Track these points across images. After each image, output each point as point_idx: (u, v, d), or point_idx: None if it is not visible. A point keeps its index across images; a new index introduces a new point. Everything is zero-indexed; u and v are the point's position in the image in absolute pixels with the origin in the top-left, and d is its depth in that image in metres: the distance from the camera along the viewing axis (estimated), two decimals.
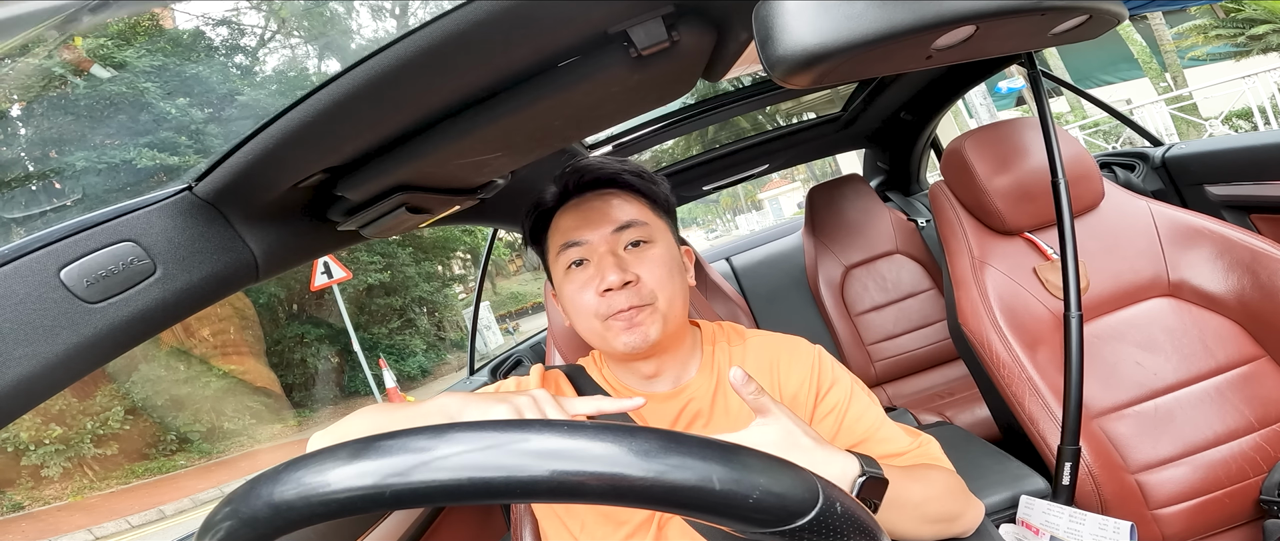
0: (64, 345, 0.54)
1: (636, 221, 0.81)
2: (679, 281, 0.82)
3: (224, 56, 11.67)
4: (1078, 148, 1.20)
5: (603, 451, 0.28)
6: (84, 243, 0.56)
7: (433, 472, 0.28)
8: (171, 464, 9.62)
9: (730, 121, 2.54)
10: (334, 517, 0.28)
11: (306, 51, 12.64)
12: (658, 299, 0.79)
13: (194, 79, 10.44)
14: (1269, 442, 1.02)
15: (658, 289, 0.79)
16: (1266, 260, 1.06)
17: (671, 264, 0.81)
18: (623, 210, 0.82)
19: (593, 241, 0.80)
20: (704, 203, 37.23)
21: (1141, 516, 1.02)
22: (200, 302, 0.66)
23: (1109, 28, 0.61)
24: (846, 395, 0.81)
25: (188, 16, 11.12)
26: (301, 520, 0.28)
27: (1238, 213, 1.39)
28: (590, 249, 0.80)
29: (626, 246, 0.81)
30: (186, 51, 10.84)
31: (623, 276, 0.77)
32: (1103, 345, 1.14)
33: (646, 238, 0.81)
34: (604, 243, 0.80)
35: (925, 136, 2.29)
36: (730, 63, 0.69)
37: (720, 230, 37.85)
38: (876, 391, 2.11)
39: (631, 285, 0.78)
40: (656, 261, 0.80)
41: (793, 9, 0.47)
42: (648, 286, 0.78)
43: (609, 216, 0.81)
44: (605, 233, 0.80)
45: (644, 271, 0.79)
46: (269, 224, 0.71)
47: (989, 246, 1.24)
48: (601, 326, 0.79)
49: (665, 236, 0.84)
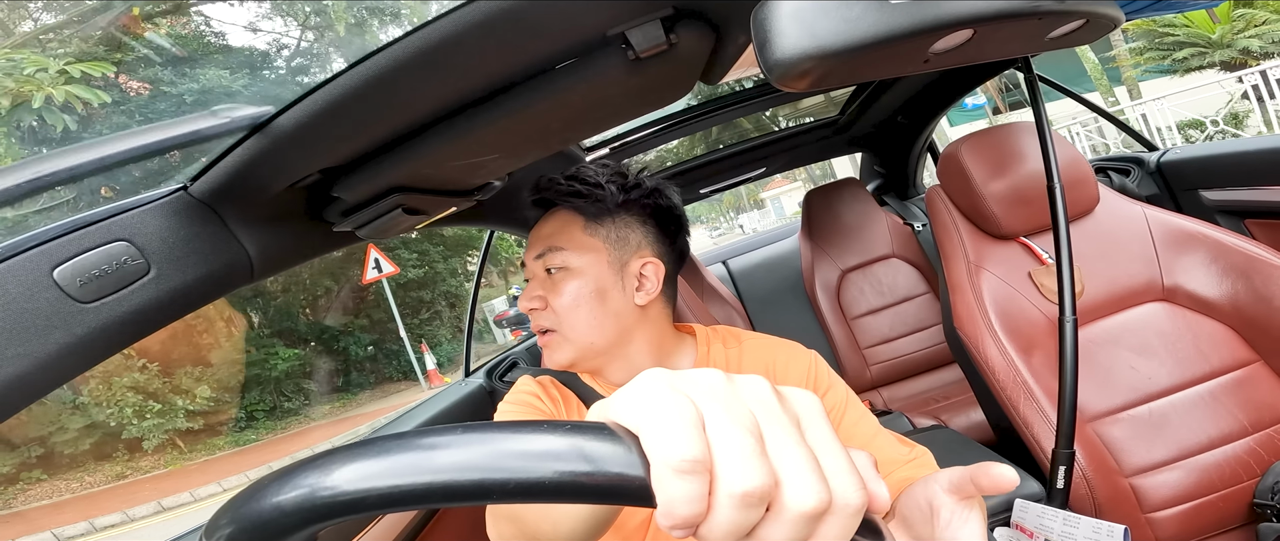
0: (56, 345, 0.54)
1: (555, 247, 0.82)
2: (587, 309, 0.81)
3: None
4: (1073, 152, 1.20)
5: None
6: (77, 242, 0.55)
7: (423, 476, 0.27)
8: (244, 438, 10.96)
9: (732, 124, 2.54)
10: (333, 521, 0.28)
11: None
12: (561, 326, 0.81)
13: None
14: (1262, 447, 1.02)
15: (562, 316, 0.81)
16: (1261, 265, 1.06)
17: (582, 293, 0.80)
18: (553, 234, 0.84)
19: (528, 261, 0.86)
20: (708, 202, 37.82)
21: (1136, 520, 1.02)
22: (194, 303, 0.65)
23: (1106, 32, 0.62)
24: (843, 401, 0.81)
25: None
26: (298, 525, 0.28)
27: (1232, 218, 1.40)
28: (529, 269, 0.86)
29: (547, 270, 0.84)
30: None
31: (529, 303, 0.83)
32: (1097, 349, 1.14)
33: (562, 264, 0.82)
34: (533, 263, 0.85)
35: (922, 140, 2.30)
36: (728, 65, 0.69)
37: (724, 229, 38.26)
38: (872, 395, 2.11)
39: (537, 310, 0.83)
40: (564, 291, 0.81)
41: (791, 12, 0.47)
42: (553, 313, 0.82)
43: (541, 237, 0.85)
44: (533, 254, 0.85)
45: (553, 299, 0.82)
46: (264, 224, 0.71)
47: (985, 251, 1.24)
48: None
49: (588, 260, 0.82)
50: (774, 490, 0.26)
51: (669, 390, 0.29)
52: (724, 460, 0.26)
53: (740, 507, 0.25)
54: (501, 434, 0.27)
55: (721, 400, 0.28)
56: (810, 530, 0.27)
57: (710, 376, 0.30)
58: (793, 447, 0.27)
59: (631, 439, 0.27)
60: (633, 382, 0.31)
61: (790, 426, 0.28)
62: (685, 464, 0.25)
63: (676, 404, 0.27)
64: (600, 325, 0.81)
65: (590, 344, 0.81)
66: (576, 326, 0.81)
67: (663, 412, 0.27)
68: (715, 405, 0.28)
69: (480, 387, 1.58)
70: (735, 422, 0.27)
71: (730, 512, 0.26)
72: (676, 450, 0.26)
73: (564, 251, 0.82)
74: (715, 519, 0.26)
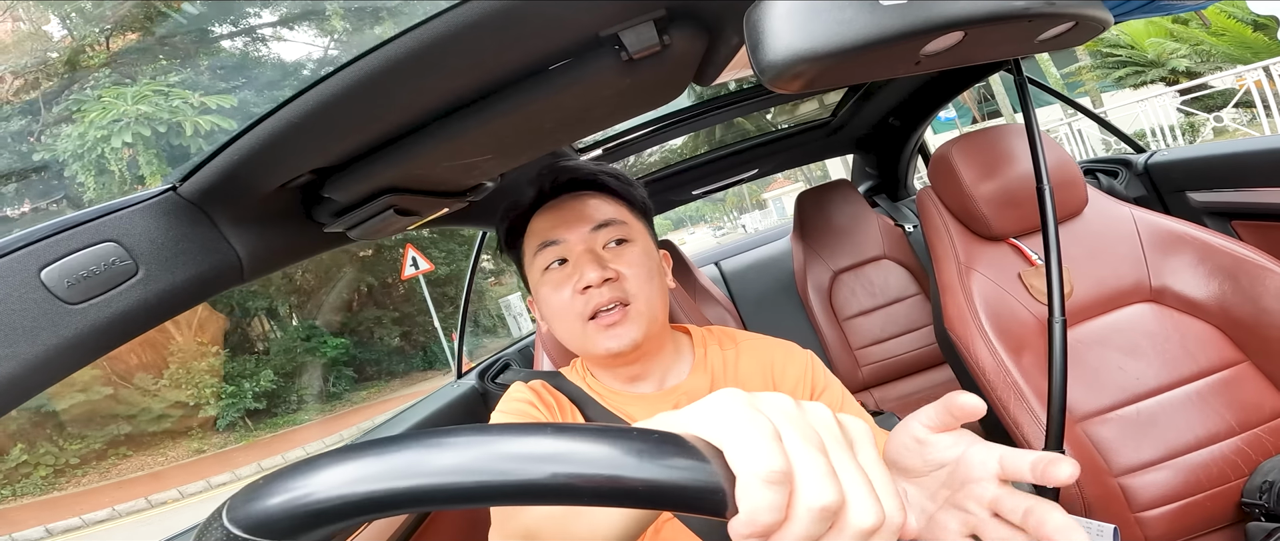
0: (44, 346, 0.53)
1: (615, 220, 0.81)
2: (658, 283, 0.82)
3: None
4: (1062, 154, 1.21)
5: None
6: (65, 242, 0.55)
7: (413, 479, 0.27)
8: (297, 418, 12.26)
9: (730, 124, 2.56)
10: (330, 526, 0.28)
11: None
12: (638, 299, 0.78)
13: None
14: (1250, 446, 1.04)
15: (637, 289, 0.78)
16: (1247, 266, 1.08)
17: (651, 265, 0.81)
18: (600, 209, 0.81)
19: (571, 240, 0.79)
20: (712, 203, 38.43)
21: (1125, 519, 1.03)
22: (183, 304, 0.65)
23: (1096, 34, 0.62)
24: (839, 400, 0.81)
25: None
26: (298, 528, 0.27)
27: (1219, 219, 1.41)
28: (568, 248, 0.79)
29: (606, 245, 0.80)
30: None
31: (602, 273, 0.76)
32: (1086, 350, 1.15)
33: (626, 236, 0.81)
34: (582, 241, 0.79)
35: (913, 142, 2.31)
36: (721, 67, 0.69)
37: (728, 228, 38.80)
38: (864, 395, 2.12)
39: (612, 281, 0.77)
40: (636, 261, 0.79)
41: (784, 14, 0.47)
42: (629, 284, 0.78)
43: (587, 215, 0.80)
44: (583, 231, 0.79)
45: (624, 269, 0.78)
46: (254, 225, 0.70)
47: (975, 252, 1.25)
48: (582, 328, 0.78)
49: (644, 237, 0.84)
50: (842, 509, 0.29)
51: (749, 408, 0.31)
52: (804, 476, 0.29)
53: (817, 520, 0.28)
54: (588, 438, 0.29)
55: (794, 421, 0.31)
56: None
57: (782, 400, 0.33)
58: (854, 470, 0.30)
59: (716, 453, 0.29)
60: (709, 399, 0.33)
61: (848, 450, 0.32)
62: (774, 475, 0.28)
63: (759, 421, 0.30)
64: (662, 302, 0.82)
65: (655, 319, 0.79)
66: (651, 299, 0.79)
67: (748, 428, 0.29)
68: (790, 425, 0.31)
69: (473, 389, 1.57)
70: (809, 442, 0.30)
71: (807, 524, 0.28)
72: (765, 462, 0.28)
73: (625, 224, 0.81)
74: (791, 529, 0.28)
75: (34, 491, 9.80)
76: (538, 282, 0.82)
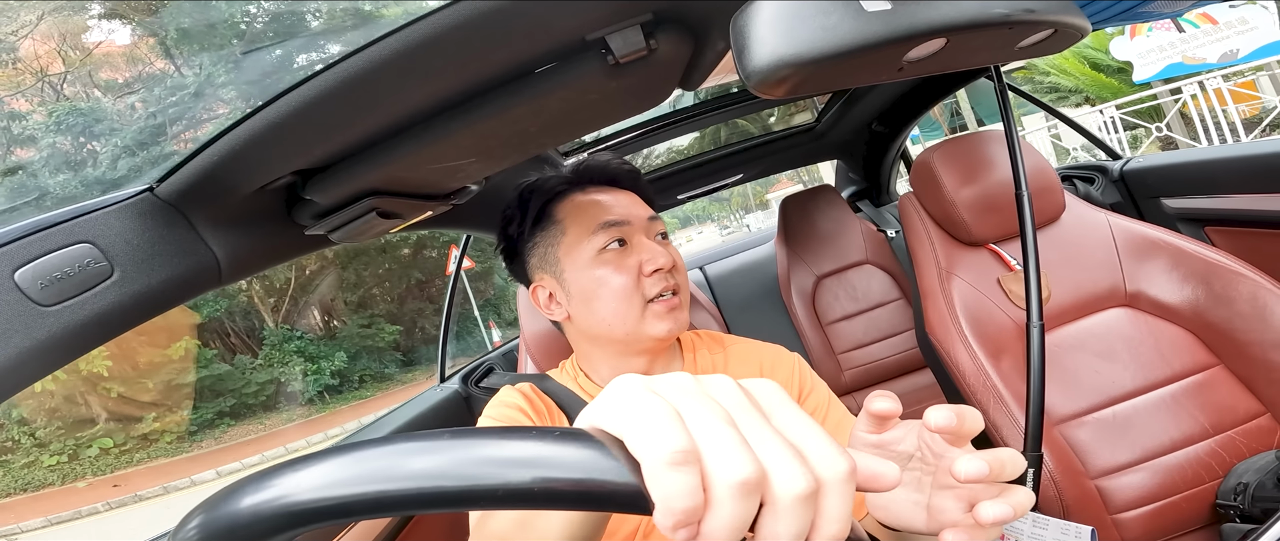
0: (16, 348, 0.52)
1: (658, 216, 0.84)
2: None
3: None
4: (1041, 161, 1.23)
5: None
6: (39, 243, 0.54)
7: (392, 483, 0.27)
8: (361, 394, 14.68)
9: (734, 126, 2.58)
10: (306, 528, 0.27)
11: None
12: (682, 291, 0.81)
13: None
14: (1223, 448, 1.06)
15: (683, 282, 0.81)
16: (1220, 271, 1.10)
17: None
18: (642, 206, 0.85)
19: (634, 224, 0.81)
20: (718, 203, 39.16)
21: (1102, 521, 1.05)
22: (159, 307, 0.63)
23: (1073, 42, 0.63)
24: (826, 402, 0.82)
25: None
26: (272, 530, 0.27)
27: (1193, 225, 1.44)
28: (632, 230, 0.81)
29: (656, 237, 0.82)
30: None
31: (671, 258, 0.79)
32: (1064, 354, 1.17)
33: (667, 233, 0.85)
34: (643, 228, 0.81)
35: (895, 148, 2.33)
36: (707, 71, 0.69)
37: (733, 227, 39.57)
38: (846, 400, 2.13)
39: (673, 270, 0.80)
40: (678, 258, 0.82)
41: (769, 20, 0.48)
42: (679, 277, 0.81)
43: (634, 210, 0.83)
44: (643, 218, 0.82)
45: (676, 261, 0.81)
46: (233, 227, 0.69)
47: (955, 257, 1.26)
48: (640, 311, 0.78)
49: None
50: (764, 481, 0.26)
51: (645, 391, 0.29)
52: (711, 453, 0.26)
53: (739, 497, 0.26)
54: (487, 440, 0.27)
55: (694, 397, 0.29)
56: (808, 513, 0.27)
57: (680, 378, 0.31)
58: (768, 437, 0.28)
59: (616, 442, 0.28)
60: (606, 390, 0.31)
61: (761, 417, 0.29)
62: (676, 456, 0.26)
63: (655, 403, 0.28)
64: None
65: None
66: (686, 295, 0.82)
67: (644, 411, 0.28)
68: (691, 402, 0.28)
69: (455, 394, 1.56)
70: (713, 416, 0.28)
71: (730, 504, 0.26)
72: (664, 443, 0.26)
73: (662, 223, 0.85)
74: (716, 513, 0.26)
75: (165, 454, 12.25)
76: (591, 263, 0.80)
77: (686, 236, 43.90)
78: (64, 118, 11.76)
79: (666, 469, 0.25)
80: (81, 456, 11.61)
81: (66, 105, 12.13)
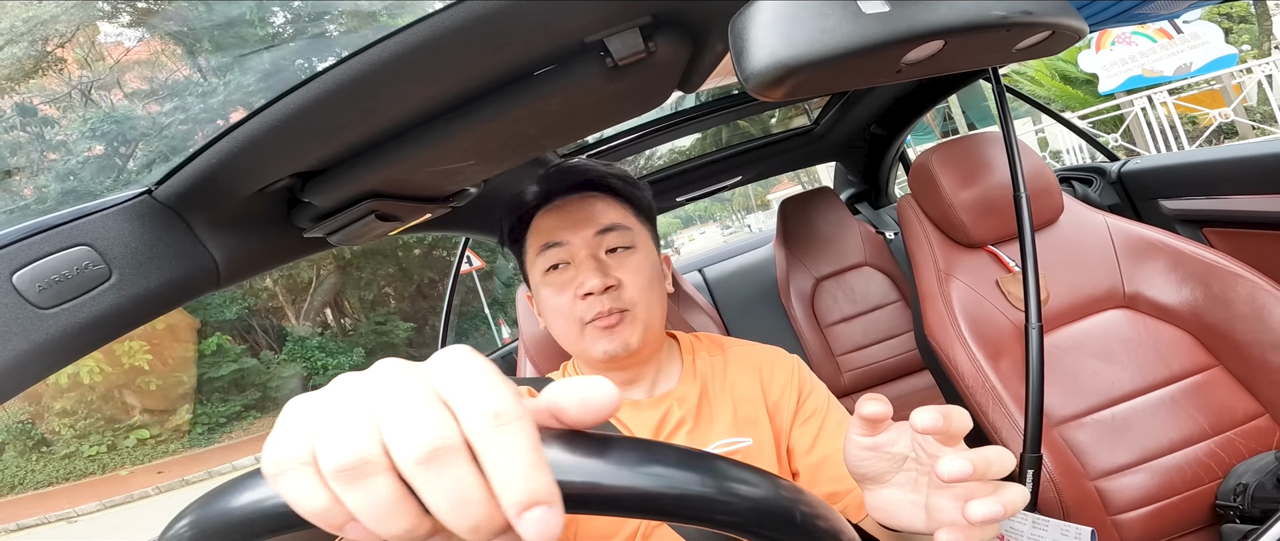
0: (14, 351, 0.52)
1: (619, 225, 0.80)
2: (659, 290, 0.82)
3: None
4: (1038, 162, 1.23)
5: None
6: (37, 246, 0.54)
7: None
8: None
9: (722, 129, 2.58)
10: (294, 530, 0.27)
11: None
12: (637, 306, 0.78)
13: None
14: (1223, 449, 1.06)
15: (638, 296, 0.78)
16: (1219, 272, 1.10)
17: (652, 272, 0.81)
18: (606, 213, 0.81)
19: (573, 243, 0.79)
20: (720, 203, 39.40)
21: (1102, 522, 1.04)
22: (157, 309, 0.63)
23: (1071, 43, 0.63)
24: (825, 403, 0.82)
25: None
26: (261, 532, 0.27)
27: (1190, 226, 1.44)
28: (571, 251, 0.79)
29: (608, 251, 0.80)
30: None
31: (604, 280, 0.76)
32: (1063, 355, 1.17)
33: (629, 243, 0.81)
34: (585, 245, 0.79)
35: (894, 150, 2.33)
36: (706, 74, 0.69)
37: (735, 227, 39.80)
38: (845, 402, 2.12)
39: (613, 289, 0.77)
40: (638, 268, 0.79)
41: (768, 22, 0.48)
42: (628, 292, 0.77)
43: (592, 219, 0.80)
44: (587, 235, 0.79)
45: (625, 277, 0.78)
46: (232, 230, 0.69)
47: (954, 259, 1.26)
48: (579, 332, 0.77)
49: (647, 243, 0.84)
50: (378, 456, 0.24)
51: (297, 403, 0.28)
52: (319, 445, 0.25)
53: (346, 483, 0.24)
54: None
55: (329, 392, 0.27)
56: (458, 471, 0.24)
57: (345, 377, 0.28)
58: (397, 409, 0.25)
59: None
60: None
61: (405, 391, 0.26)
62: (280, 463, 0.25)
63: (294, 413, 0.27)
64: (661, 309, 0.82)
65: (657, 325, 0.80)
66: (651, 306, 0.79)
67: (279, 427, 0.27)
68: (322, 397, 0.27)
69: None
70: (330, 407, 0.26)
71: (347, 492, 0.24)
72: (270, 452, 0.25)
73: (629, 230, 0.81)
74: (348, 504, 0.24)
75: (198, 444, 12.82)
76: (539, 283, 0.82)
77: (689, 236, 44.01)
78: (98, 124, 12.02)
79: (279, 478, 0.25)
80: (119, 446, 12.27)
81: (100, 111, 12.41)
